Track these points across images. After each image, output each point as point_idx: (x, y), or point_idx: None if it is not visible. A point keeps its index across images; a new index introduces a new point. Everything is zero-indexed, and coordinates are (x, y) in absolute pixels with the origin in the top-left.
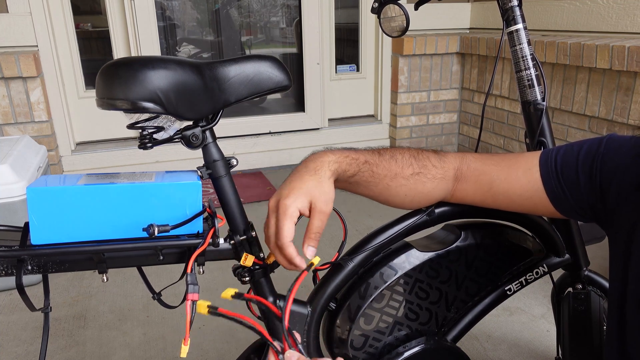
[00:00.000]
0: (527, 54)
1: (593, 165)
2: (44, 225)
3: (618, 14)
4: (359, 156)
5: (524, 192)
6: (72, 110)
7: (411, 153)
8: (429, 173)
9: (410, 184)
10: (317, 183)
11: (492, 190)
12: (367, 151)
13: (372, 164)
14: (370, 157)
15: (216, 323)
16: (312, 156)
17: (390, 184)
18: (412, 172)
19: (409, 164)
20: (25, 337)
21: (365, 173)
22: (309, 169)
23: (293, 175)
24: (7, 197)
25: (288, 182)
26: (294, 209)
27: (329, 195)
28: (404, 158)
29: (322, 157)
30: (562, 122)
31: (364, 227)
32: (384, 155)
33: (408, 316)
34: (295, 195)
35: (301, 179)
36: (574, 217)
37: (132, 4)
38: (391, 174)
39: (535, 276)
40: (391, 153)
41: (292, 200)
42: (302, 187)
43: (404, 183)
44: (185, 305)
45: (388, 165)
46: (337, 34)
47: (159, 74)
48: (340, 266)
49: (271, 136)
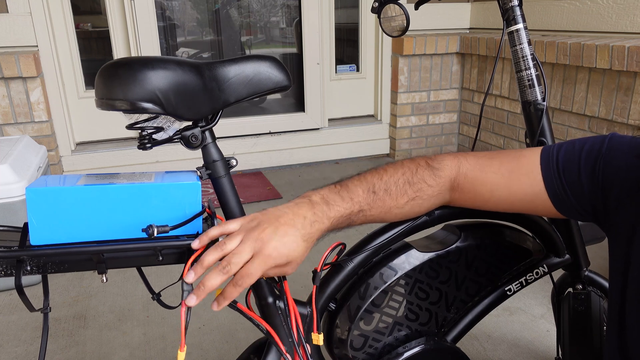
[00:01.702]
0: (528, 54)
1: (595, 166)
2: (43, 226)
3: (618, 14)
4: (353, 207)
5: (526, 196)
6: (72, 111)
7: (406, 178)
8: (425, 194)
9: (406, 210)
10: (304, 252)
11: (492, 199)
12: (363, 193)
13: (365, 210)
14: (365, 201)
15: (216, 323)
16: (310, 215)
17: (386, 217)
18: (407, 200)
19: (403, 193)
20: (25, 337)
21: (357, 221)
22: (305, 231)
23: (287, 227)
24: (7, 197)
25: (281, 234)
26: (260, 273)
27: (297, 264)
28: (397, 187)
29: (319, 224)
30: (562, 122)
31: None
32: (378, 192)
33: (408, 316)
34: (276, 260)
35: (297, 244)
36: (574, 217)
37: (132, 4)
38: (385, 210)
39: (535, 276)
40: (386, 186)
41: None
42: (293, 255)
43: (399, 212)
44: (180, 312)
45: (382, 203)
46: (337, 34)
47: (158, 74)
48: (340, 267)
49: (271, 136)
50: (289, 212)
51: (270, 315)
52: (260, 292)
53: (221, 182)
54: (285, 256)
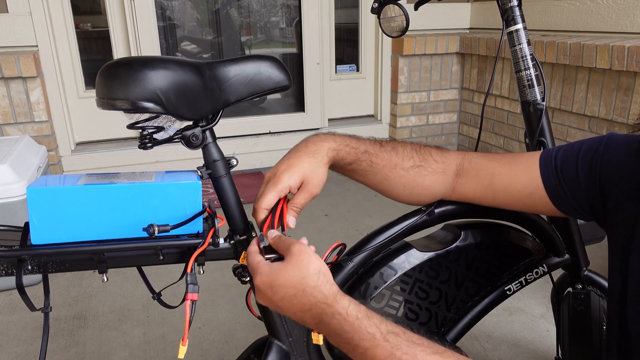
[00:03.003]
0: (527, 54)
1: (593, 164)
2: (44, 225)
3: (618, 14)
4: (360, 145)
5: (524, 189)
6: (72, 110)
7: (413, 147)
8: (430, 167)
9: (410, 176)
10: (313, 166)
11: (492, 186)
12: (369, 140)
13: (371, 153)
14: (371, 147)
15: (216, 323)
16: (313, 138)
17: (389, 175)
18: (413, 165)
19: (409, 156)
20: (25, 337)
21: (363, 162)
22: (308, 150)
23: (292, 152)
24: (7, 197)
25: (286, 158)
26: (285, 184)
27: (320, 179)
28: (405, 150)
29: (323, 142)
30: (562, 122)
31: (363, 227)
32: (385, 146)
33: (408, 316)
34: (290, 172)
35: (299, 159)
36: (573, 216)
37: (132, 4)
38: (391, 165)
39: (535, 276)
40: (393, 145)
41: (286, 176)
42: (298, 166)
43: (404, 174)
44: (185, 305)
45: (388, 156)
46: (337, 34)
47: (158, 74)
48: (340, 266)
49: (271, 136)
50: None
51: (270, 314)
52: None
53: (221, 182)
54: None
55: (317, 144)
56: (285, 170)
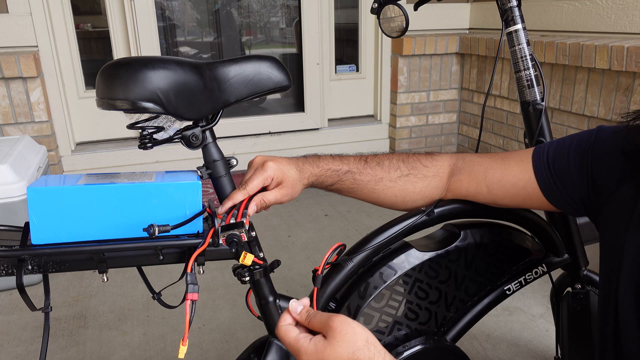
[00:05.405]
0: (526, 54)
1: (584, 157)
2: (44, 225)
3: (617, 14)
4: (342, 166)
5: (518, 182)
6: (72, 111)
7: (400, 157)
8: (420, 173)
9: (399, 186)
10: (296, 177)
11: (486, 180)
12: (354, 158)
13: (354, 172)
14: (355, 165)
15: (216, 323)
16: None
17: (376, 188)
18: (400, 175)
19: (396, 167)
20: (25, 337)
21: (346, 182)
22: (297, 164)
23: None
24: (7, 197)
25: (280, 158)
26: (270, 173)
27: (295, 191)
28: (391, 162)
29: (308, 166)
30: (562, 122)
31: (363, 227)
32: (370, 162)
33: (407, 316)
34: (278, 167)
35: (289, 163)
36: (565, 209)
37: (132, 4)
38: (376, 179)
39: (534, 276)
40: (378, 159)
41: (274, 168)
42: (286, 167)
43: (391, 185)
44: (185, 305)
45: (372, 171)
46: (337, 34)
47: (158, 74)
48: (340, 266)
49: (271, 136)
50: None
51: (270, 314)
52: (260, 292)
53: (221, 182)
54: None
55: (304, 166)
56: (275, 163)
